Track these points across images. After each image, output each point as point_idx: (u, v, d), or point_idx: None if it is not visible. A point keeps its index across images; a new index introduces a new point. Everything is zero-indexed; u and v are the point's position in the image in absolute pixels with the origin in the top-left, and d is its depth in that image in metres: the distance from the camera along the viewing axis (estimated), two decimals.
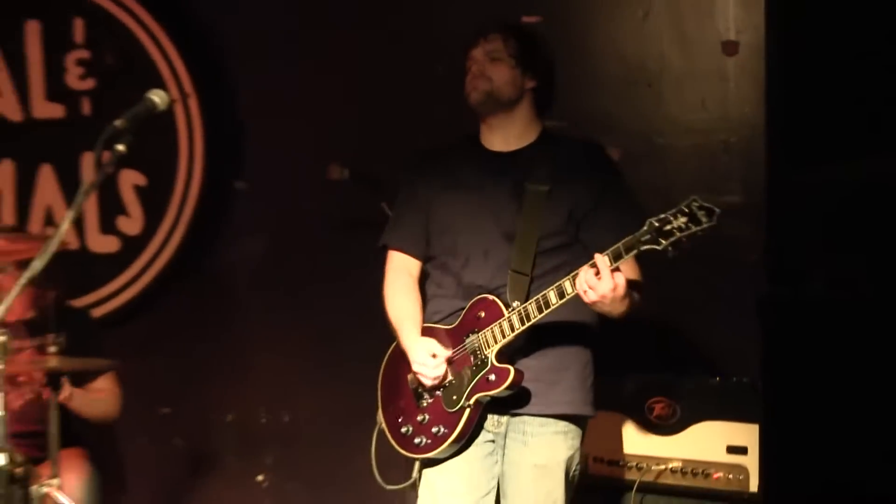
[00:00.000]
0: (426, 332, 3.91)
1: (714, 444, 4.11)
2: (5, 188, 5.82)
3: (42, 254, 3.22)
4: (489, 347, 3.70)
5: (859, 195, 3.82)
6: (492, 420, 3.79)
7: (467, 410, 3.71)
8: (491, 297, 3.74)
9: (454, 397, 3.76)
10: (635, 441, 4.29)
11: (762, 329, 4.00)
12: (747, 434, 4.02)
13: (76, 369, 4.65)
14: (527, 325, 3.65)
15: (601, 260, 3.39)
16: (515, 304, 3.64)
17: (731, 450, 4.06)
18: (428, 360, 3.78)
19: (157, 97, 3.29)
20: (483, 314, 3.72)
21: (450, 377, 3.80)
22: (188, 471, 5.58)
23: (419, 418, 3.85)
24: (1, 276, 4.43)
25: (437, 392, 3.86)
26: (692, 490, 4.15)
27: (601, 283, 3.38)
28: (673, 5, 4.87)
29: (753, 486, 4.01)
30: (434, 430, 3.80)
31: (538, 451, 3.77)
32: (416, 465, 3.91)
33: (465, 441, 3.80)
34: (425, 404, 3.86)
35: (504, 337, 3.68)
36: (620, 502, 4.29)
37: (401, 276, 4.05)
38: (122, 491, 5.39)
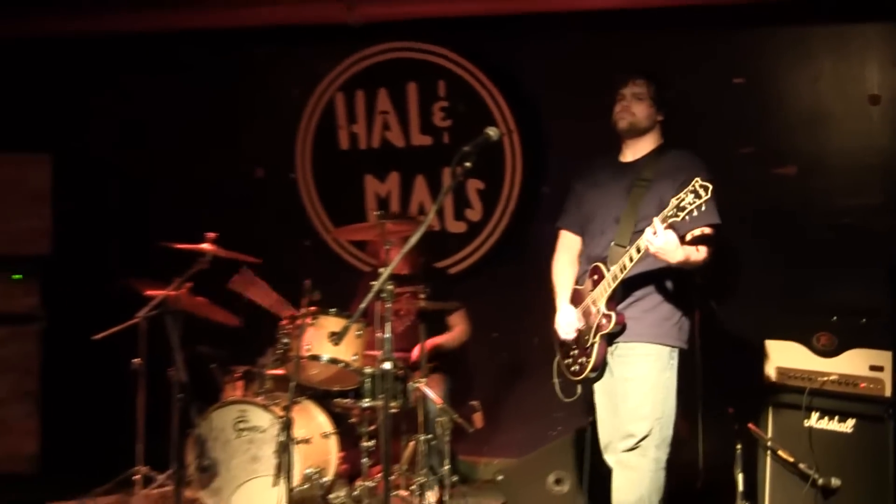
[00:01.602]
0: (574, 293, 4.40)
1: (860, 363, 4.75)
2: (393, 190, 6.68)
3: (416, 232, 3.93)
4: (600, 300, 4.17)
5: None
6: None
7: (596, 345, 4.20)
8: (599, 264, 4.24)
9: (586, 338, 4.25)
10: (808, 360, 4.92)
11: (892, 288, 5.17)
12: (884, 358, 4.70)
13: (437, 308, 5.44)
14: (616, 282, 4.10)
15: (656, 222, 3.84)
16: (612, 268, 4.13)
17: (873, 368, 4.71)
18: (564, 324, 4.33)
19: (492, 132, 3.90)
20: (596, 277, 4.24)
21: (584, 324, 4.27)
22: (508, 375, 6.29)
23: (573, 353, 4.37)
24: (389, 248, 5.12)
25: (579, 335, 4.33)
26: (845, 394, 4.77)
27: (656, 238, 3.83)
28: (835, 71, 5.81)
29: (888, 392, 4.66)
30: (581, 360, 4.30)
31: (627, 367, 4.23)
32: (579, 387, 4.44)
33: (602, 368, 4.27)
34: (574, 343, 4.36)
35: (606, 291, 4.14)
36: (798, 401, 4.86)
37: (565, 251, 4.57)
38: (476, 389, 6.16)
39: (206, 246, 5.31)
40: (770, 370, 5.05)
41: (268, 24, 6.63)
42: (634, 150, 4.36)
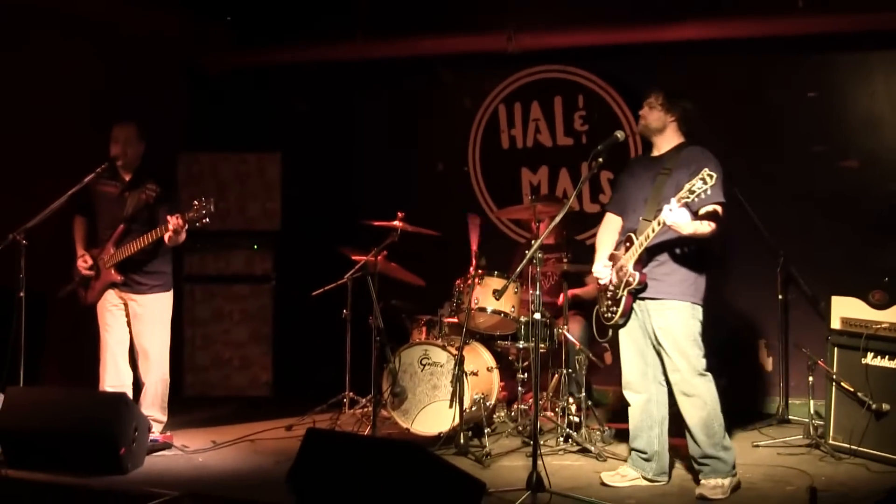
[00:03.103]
0: (611, 256, 4.64)
1: None
2: (543, 180, 7.19)
3: (560, 212, 4.45)
4: (629, 262, 4.44)
5: None
6: (638, 304, 4.57)
7: (623, 297, 4.51)
8: (631, 234, 4.49)
9: (617, 291, 4.54)
10: (865, 312, 5.28)
11: None
12: None
13: (576, 271, 5.76)
14: (641, 248, 4.37)
15: (673, 201, 4.11)
16: (639, 238, 4.41)
17: None
18: (598, 271, 4.64)
19: (619, 134, 4.36)
20: (628, 244, 4.50)
21: (616, 280, 4.53)
22: None
23: (607, 303, 4.64)
24: (539, 224, 5.56)
25: (612, 288, 4.57)
26: (894, 339, 5.12)
27: (671, 214, 4.11)
28: (888, 86, 6.34)
29: None
30: (612, 309, 4.59)
31: (659, 319, 4.51)
32: (610, 330, 4.68)
33: (628, 316, 4.56)
34: (609, 295, 4.62)
35: (634, 256, 4.41)
36: (857, 344, 5.19)
37: (607, 226, 4.81)
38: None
39: (397, 223, 5.72)
40: (835, 319, 5.40)
41: (448, 53, 7.25)
42: (659, 147, 4.65)
